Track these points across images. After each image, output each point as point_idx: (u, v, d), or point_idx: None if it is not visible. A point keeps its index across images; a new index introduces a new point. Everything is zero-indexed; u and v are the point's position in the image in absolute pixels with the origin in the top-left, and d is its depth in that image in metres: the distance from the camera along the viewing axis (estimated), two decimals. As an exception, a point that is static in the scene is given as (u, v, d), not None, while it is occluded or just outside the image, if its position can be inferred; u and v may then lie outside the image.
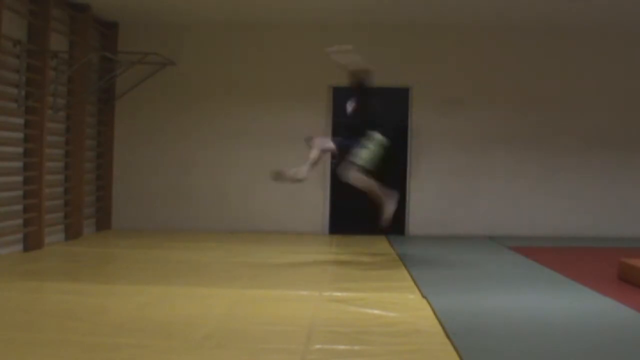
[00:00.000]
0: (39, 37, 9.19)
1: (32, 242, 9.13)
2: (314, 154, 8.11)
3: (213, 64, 11.57)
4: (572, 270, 8.02)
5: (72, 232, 10.23)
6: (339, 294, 6.63)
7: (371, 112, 7.94)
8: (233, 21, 11.33)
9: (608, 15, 10.49)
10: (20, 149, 9.14)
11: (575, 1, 9.69)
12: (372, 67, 7.73)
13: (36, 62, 9.18)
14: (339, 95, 11.61)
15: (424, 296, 6.53)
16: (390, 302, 6.31)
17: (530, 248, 9.82)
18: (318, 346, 4.80)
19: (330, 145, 8.21)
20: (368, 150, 7.67)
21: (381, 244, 10.28)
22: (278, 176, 8.16)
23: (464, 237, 11.14)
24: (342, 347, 4.84)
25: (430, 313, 5.89)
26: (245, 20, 11.29)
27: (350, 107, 8.03)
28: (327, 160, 11.59)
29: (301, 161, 11.49)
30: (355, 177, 7.75)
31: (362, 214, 11.73)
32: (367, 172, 7.74)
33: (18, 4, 8.82)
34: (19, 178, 9.14)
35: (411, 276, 7.63)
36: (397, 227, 11.50)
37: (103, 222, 11.38)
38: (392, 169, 11.85)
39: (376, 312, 5.91)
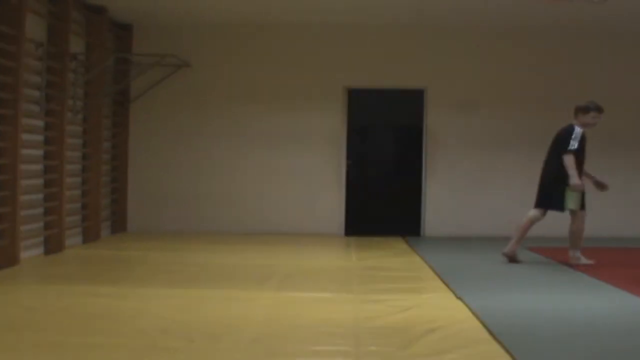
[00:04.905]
0: (59, 40, 9.18)
1: (52, 245, 9.10)
2: None
3: (227, 66, 11.56)
4: (597, 270, 8.05)
5: (90, 235, 10.20)
6: (373, 295, 6.64)
7: None
8: (248, 22, 11.31)
9: (623, 18, 10.54)
10: (40, 152, 9.11)
11: (592, 3, 9.72)
12: None
13: (56, 65, 9.15)
14: (354, 97, 11.65)
15: (458, 297, 6.55)
16: (427, 302, 6.34)
17: (549, 248, 9.84)
18: (372, 348, 4.81)
19: None
20: None
21: (400, 245, 10.29)
22: None
23: (480, 238, 11.17)
24: (392, 348, 4.82)
25: (469, 313, 5.91)
26: (260, 21, 11.29)
27: None
28: (343, 162, 11.60)
29: (315, 164, 11.54)
30: None
31: (377, 215, 11.79)
32: None
33: (38, 4, 8.80)
34: (40, 181, 9.11)
35: (439, 277, 7.65)
36: (413, 227, 11.55)
37: (119, 224, 11.35)
38: (408, 170, 11.89)
39: (415, 312, 5.93)
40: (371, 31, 11.47)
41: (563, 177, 8.37)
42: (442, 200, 11.55)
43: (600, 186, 8.75)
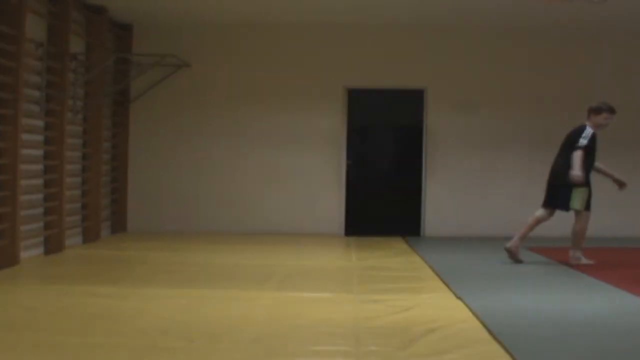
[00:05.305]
0: (59, 40, 9.18)
1: (52, 245, 9.10)
2: None
3: (227, 66, 11.56)
4: (597, 270, 8.05)
5: (90, 235, 10.20)
6: (373, 295, 6.63)
7: None
8: (248, 22, 11.32)
9: (623, 18, 10.54)
10: (40, 152, 9.11)
11: (592, 3, 9.72)
12: None
13: (56, 65, 9.15)
14: (354, 97, 11.66)
15: (458, 297, 6.55)
16: (427, 302, 6.34)
17: (549, 248, 9.83)
18: (372, 347, 4.80)
19: None
20: None
21: (400, 245, 10.30)
22: None
23: (480, 238, 11.18)
24: (392, 348, 4.83)
25: (469, 313, 5.91)
26: (260, 21, 11.29)
27: None
28: (343, 162, 11.60)
29: (315, 164, 11.54)
30: None
31: (378, 215, 11.79)
32: None
33: (38, 4, 8.80)
34: (40, 181, 9.11)
35: (439, 277, 7.65)
36: (413, 227, 11.56)
37: (119, 224, 11.36)
38: (408, 170, 11.88)
39: (416, 312, 5.93)
40: (371, 31, 11.48)
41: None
42: (442, 200, 11.55)
43: (619, 184, 8.75)
